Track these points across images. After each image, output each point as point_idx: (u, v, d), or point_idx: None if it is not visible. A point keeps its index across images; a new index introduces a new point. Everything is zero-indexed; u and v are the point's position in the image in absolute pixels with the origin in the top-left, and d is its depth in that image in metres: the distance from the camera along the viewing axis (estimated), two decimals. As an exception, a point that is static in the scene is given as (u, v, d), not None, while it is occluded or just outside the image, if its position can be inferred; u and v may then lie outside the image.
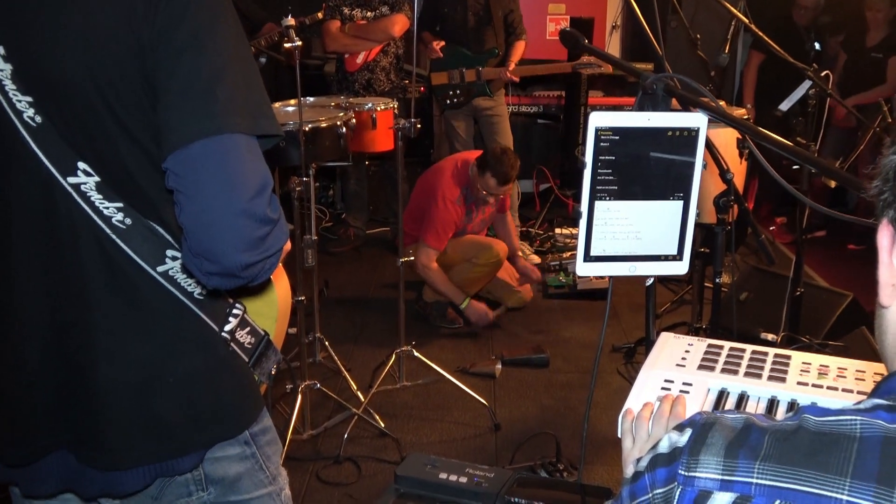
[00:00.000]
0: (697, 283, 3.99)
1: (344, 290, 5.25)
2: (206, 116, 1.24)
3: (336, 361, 3.88)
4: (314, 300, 3.74)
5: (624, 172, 1.61)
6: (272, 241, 1.30)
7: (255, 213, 1.25)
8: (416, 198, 4.76)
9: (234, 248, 1.25)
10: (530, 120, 7.13)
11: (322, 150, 3.46)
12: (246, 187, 1.25)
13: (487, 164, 4.40)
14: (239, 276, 1.29)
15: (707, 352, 1.72)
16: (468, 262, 4.62)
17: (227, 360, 1.46)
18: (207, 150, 1.24)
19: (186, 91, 1.24)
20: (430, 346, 4.43)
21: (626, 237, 1.66)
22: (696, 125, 1.60)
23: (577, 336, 4.59)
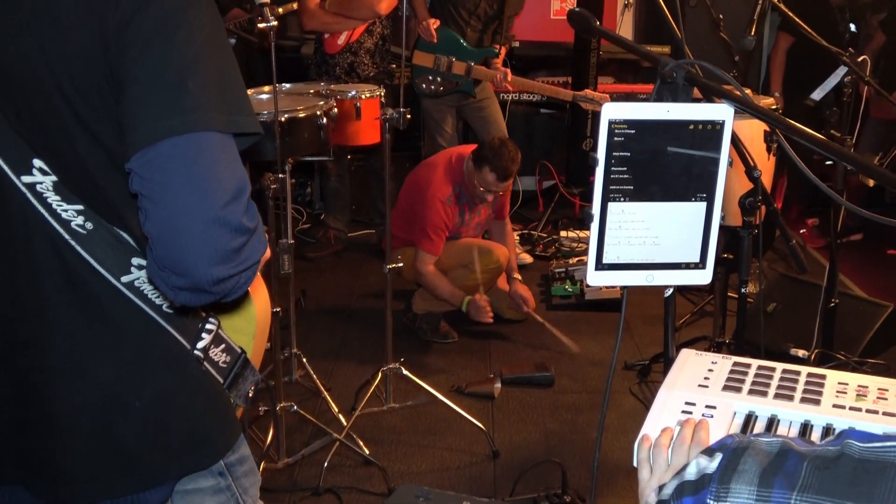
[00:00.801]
0: (720, 292, 4.02)
1: (323, 300, 5.26)
2: (176, 111, 1.25)
3: (315, 381, 3.89)
4: (290, 312, 3.75)
5: (640, 170, 1.62)
6: (248, 253, 1.31)
7: (229, 221, 1.26)
8: (404, 196, 4.78)
9: (205, 261, 1.25)
10: (533, 109, 7.15)
11: (299, 143, 3.47)
12: (220, 192, 1.25)
13: (484, 157, 4.41)
14: (210, 292, 1.30)
15: (732, 371, 1.73)
16: (464, 269, 4.63)
17: (199, 381, 1.47)
18: (177, 149, 1.24)
19: (154, 83, 1.25)
20: (421, 363, 4.44)
21: (643, 243, 1.67)
22: (721, 118, 1.62)
23: (584, 352, 4.61)
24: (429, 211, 4.49)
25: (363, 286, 5.49)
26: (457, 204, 4.60)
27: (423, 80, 5.65)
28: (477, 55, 5.52)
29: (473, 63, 5.51)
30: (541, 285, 5.46)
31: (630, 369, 4.35)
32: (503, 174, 4.42)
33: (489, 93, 5.74)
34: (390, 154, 3.74)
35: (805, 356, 3.87)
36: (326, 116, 3.52)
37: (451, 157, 4.66)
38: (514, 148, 4.45)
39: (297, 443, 3.68)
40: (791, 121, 1.51)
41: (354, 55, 5.40)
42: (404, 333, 4.74)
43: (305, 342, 4.38)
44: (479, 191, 4.50)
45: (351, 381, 4.21)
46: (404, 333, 4.74)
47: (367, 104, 4.06)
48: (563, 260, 5.67)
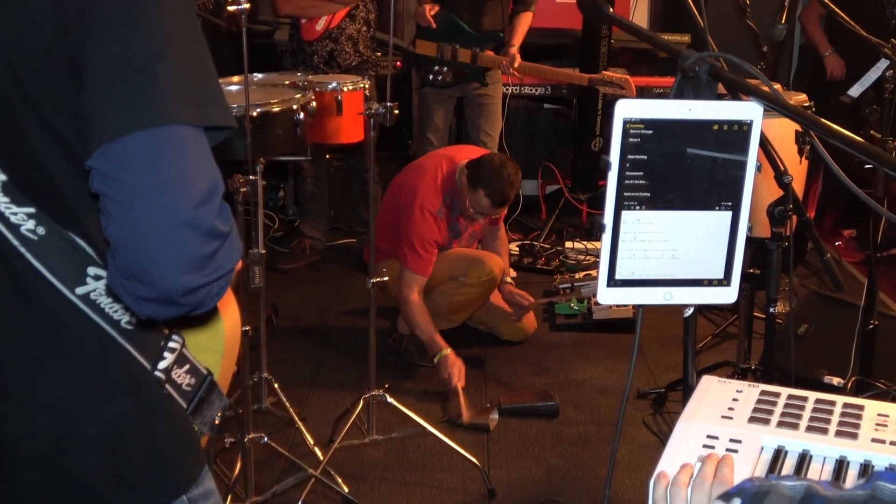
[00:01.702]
0: (745, 312, 4.03)
1: (298, 317, 5.27)
2: (143, 103, 1.26)
3: (287, 409, 3.89)
4: (260, 330, 3.75)
5: (658, 175, 1.64)
6: (222, 260, 1.32)
7: (201, 224, 1.27)
8: (390, 202, 4.78)
9: (174, 269, 1.26)
10: (535, 104, 7.18)
11: (273, 140, 3.48)
12: (191, 192, 1.26)
13: (480, 179, 4.38)
14: (179, 304, 1.30)
15: (760, 400, 1.75)
16: (454, 282, 4.64)
17: (160, 405, 1.48)
18: (143, 144, 1.25)
19: (119, 71, 1.26)
20: (408, 390, 4.44)
21: (661, 256, 1.69)
22: (749, 117, 1.64)
23: (592, 378, 4.62)
24: (417, 223, 4.48)
25: (343, 302, 5.50)
26: (449, 216, 4.59)
27: (429, 70, 5.67)
28: (481, 40, 5.54)
29: (479, 49, 5.53)
30: (543, 303, 5.47)
31: (644, 398, 4.36)
32: (499, 200, 4.43)
33: (496, 89, 5.77)
34: (375, 154, 3.76)
35: (840, 384, 3.89)
36: (303, 111, 3.53)
37: (441, 162, 4.64)
38: (514, 170, 4.42)
39: (268, 479, 3.68)
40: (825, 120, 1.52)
41: (335, 42, 5.42)
42: (389, 356, 4.75)
43: (277, 365, 4.38)
44: (471, 211, 4.51)
45: (328, 409, 4.22)
46: (389, 356, 4.75)
47: (349, 97, 4.07)
48: (568, 274, 5.69)
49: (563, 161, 7.08)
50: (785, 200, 2.85)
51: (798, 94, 4.12)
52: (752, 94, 1.62)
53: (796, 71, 7.30)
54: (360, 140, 4.10)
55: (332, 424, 4.03)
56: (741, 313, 4.12)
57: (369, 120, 3.66)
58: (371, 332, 3.83)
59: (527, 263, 6.02)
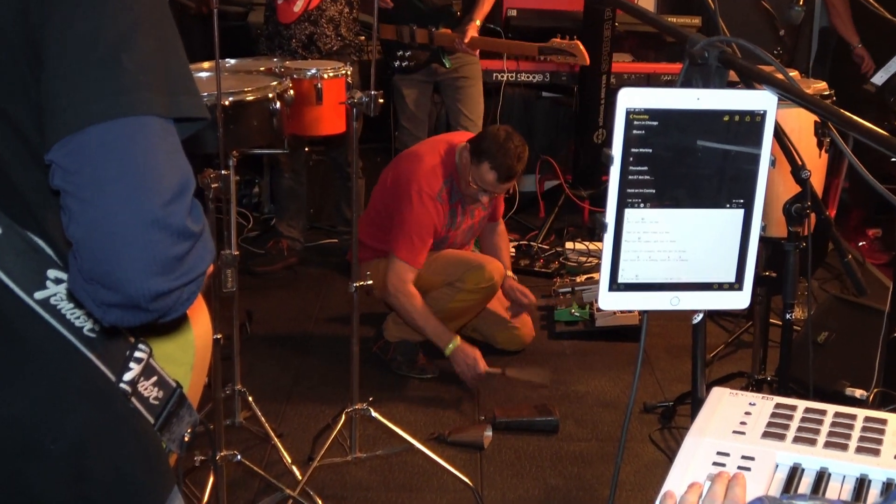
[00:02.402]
0: (761, 318, 4.05)
1: (274, 324, 5.27)
2: (108, 92, 1.26)
3: (263, 424, 3.89)
4: (234, 339, 3.75)
5: (664, 170, 1.65)
6: (193, 262, 1.33)
7: (170, 223, 1.28)
8: (378, 197, 4.78)
9: (141, 271, 1.27)
10: (532, 93, 7.19)
11: (247, 132, 3.48)
12: (159, 189, 1.27)
13: (485, 151, 4.39)
14: (146, 309, 1.31)
15: (775, 414, 1.76)
16: (450, 287, 4.63)
17: (126, 420, 1.49)
18: (109, 137, 1.26)
19: (82, 57, 1.27)
20: (394, 403, 4.45)
21: (667, 258, 1.70)
22: (763, 107, 1.65)
23: (594, 390, 4.63)
24: (413, 208, 4.47)
25: (323, 308, 5.51)
26: (448, 202, 4.59)
27: (394, 55, 5.70)
28: (435, 17, 5.57)
29: (434, 28, 5.54)
30: (541, 308, 5.48)
31: (650, 412, 4.37)
32: (506, 173, 4.41)
33: (472, 70, 5.79)
34: (358, 146, 3.76)
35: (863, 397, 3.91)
36: (280, 100, 3.54)
37: (438, 146, 4.65)
38: (521, 142, 4.43)
39: (242, 500, 3.68)
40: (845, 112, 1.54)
41: (314, 25, 5.42)
42: (374, 366, 4.75)
43: (252, 377, 4.39)
44: (473, 189, 4.48)
45: (307, 425, 4.22)
46: (374, 366, 4.75)
47: (329, 85, 4.08)
48: (568, 277, 5.70)
49: (562, 154, 7.10)
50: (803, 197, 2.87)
51: (817, 82, 4.14)
52: (765, 83, 1.64)
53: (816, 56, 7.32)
54: (341, 132, 4.10)
55: (312, 441, 4.04)
56: (756, 320, 4.14)
57: (352, 110, 3.66)
58: (354, 340, 3.83)
59: (524, 266, 6.04)
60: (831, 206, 5.68)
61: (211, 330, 1.78)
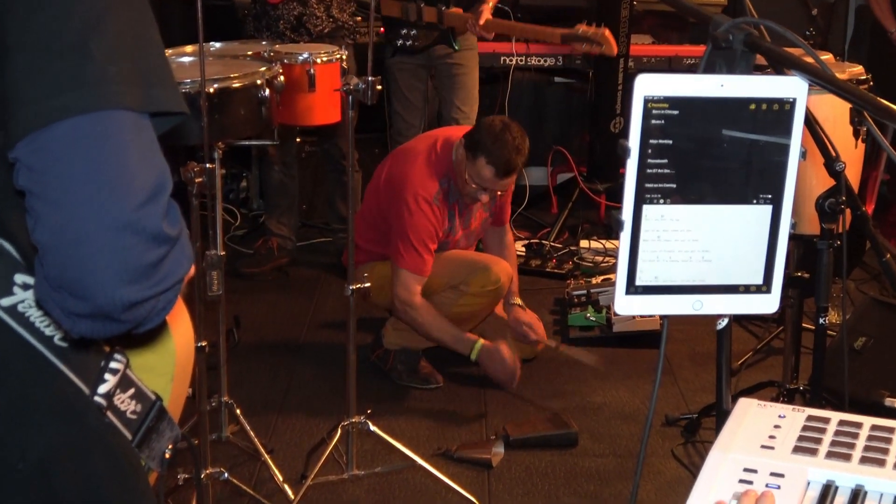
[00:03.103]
0: (792, 323, 4.04)
1: (264, 331, 5.28)
2: (76, 84, 1.26)
3: (252, 439, 3.89)
4: (220, 347, 3.75)
5: (685, 163, 1.65)
6: (169, 269, 1.33)
7: (144, 226, 1.28)
8: (373, 195, 4.77)
9: (112, 279, 1.27)
10: (544, 78, 7.19)
11: (233, 122, 3.49)
12: (132, 189, 1.27)
13: (479, 145, 4.38)
14: (119, 320, 1.31)
15: (806, 427, 1.75)
16: (454, 290, 4.63)
17: (101, 436, 1.49)
18: (77, 133, 1.26)
19: (47, 46, 1.27)
20: (395, 416, 4.45)
21: (689, 258, 1.70)
22: (792, 94, 1.65)
23: (612, 401, 4.63)
24: (411, 215, 4.47)
25: (317, 313, 5.51)
26: (445, 203, 4.57)
27: (396, 34, 5.69)
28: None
29: (445, 6, 5.55)
30: (554, 312, 5.48)
31: (672, 425, 4.37)
32: (504, 168, 4.40)
33: (469, 57, 5.81)
34: (354, 137, 3.76)
35: (904, 408, 3.91)
36: (269, 87, 3.54)
37: (436, 141, 4.64)
38: (519, 133, 4.41)
39: (228, 522, 3.69)
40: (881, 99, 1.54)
41: (303, 5, 5.41)
42: (372, 376, 4.75)
43: (240, 388, 4.39)
44: (471, 188, 4.46)
45: (300, 440, 4.23)
46: (372, 376, 4.75)
47: (323, 71, 4.09)
48: (583, 279, 5.69)
49: (577, 145, 7.09)
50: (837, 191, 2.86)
51: (853, 66, 4.14)
52: (794, 68, 1.64)
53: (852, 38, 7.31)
54: (336, 121, 4.11)
55: (305, 457, 4.03)
56: (787, 325, 4.13)
57: (347, 97, 3.66)
58: (350, 348, 3.83)
59: (535, 266, 6.03)
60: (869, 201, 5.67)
61: (193, 337, 1.78)
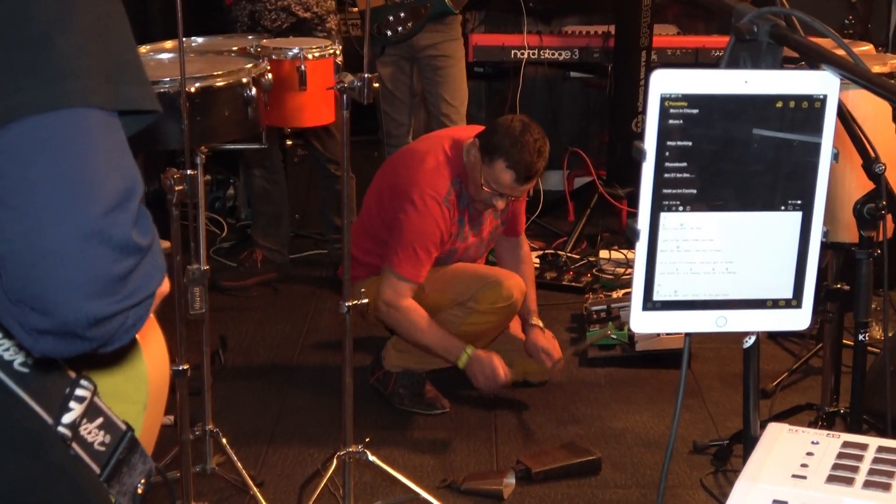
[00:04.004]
0: (832, 340, 4.03)
1: (253, 352, 5.28)
2: (39, 80, 1.27)
3: (240, 471, 3.89)
4: (204, 370, 3.75)
5: (707, 167, 1.65)
6: (139, 282, 1.33)
7: (112, 235, 1.28)
8: (373, 203, 4.75)
9: (77, 293, 1.27)
10: (558, 72, 7.19)
11: (217, 124, 3.50)
12: (99, 195, 1.28)
13: (498, 147, 4.34)
14: (84, 338, 1.31)
15: (842, 454, 1.75)
16: (461, 308, 4.60)
17: (65, 470, 1.49)
18: (39, 133, 1.26)
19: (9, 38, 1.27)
20: (396, 445, 4.44)
21: (712, 270, 1.70)
22: (823, 91, 1.64)
23: (635, 427, 4.62)
24: (416, 214, 4.43)
25: (311, 332, 5.51)
26: (456, 206, 4.53)
27: (384, 22, 5.70)
28: None
29: None
30: (571, 330, 5.47)
31: (701, 452, 4.36)
32: (525, 173, 4.36)
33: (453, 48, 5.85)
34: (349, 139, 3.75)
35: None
36: (256, 85, 3.55)
37: (441, 142, 4.62)
38: (540, 134, 4.38)
39: (214, 563, 3.69)
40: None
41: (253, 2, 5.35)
42: (372, 401, 4.75)
43: (226, 415, 4.39)
44: (486, 192, 4.43)
45: (293, 471, 4.22)
46: (372, 401, 4.75)
47: (315, 67, 4.09)
48: (603, 293, 5.68)
49: (595, 146, 7.10)
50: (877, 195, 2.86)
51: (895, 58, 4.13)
52: (825, 61, 1.63)
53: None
54: (329, 122, 4.11)
55: (298, 491, 4.03)
56: (826, 342, 4.12)
57: (343, 96, 3.64)
58: (346, 370, 3.82)
59: (550, 279, 6.03)
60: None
61: (167, 360, 1.78)
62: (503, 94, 6.99)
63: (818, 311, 3.93)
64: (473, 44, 6.56)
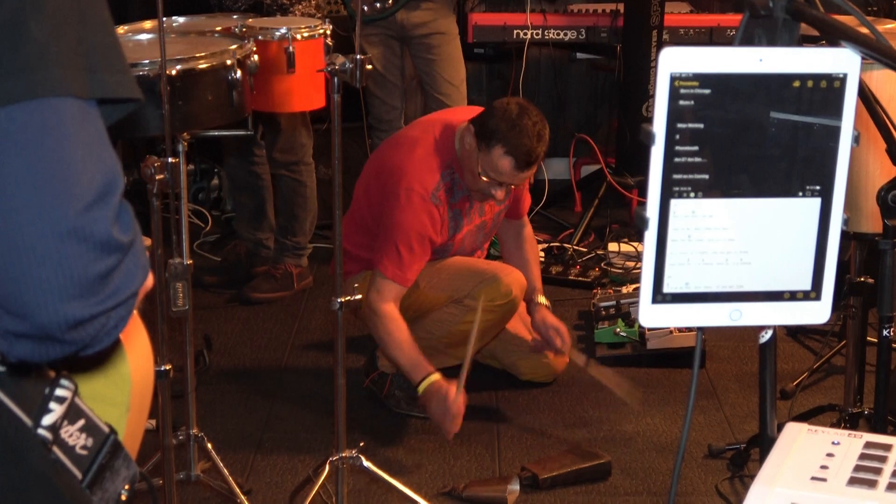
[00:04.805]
0: (855, 337, 4.04)
1: (238, 353, 5.29)
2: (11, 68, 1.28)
3: (226, 478, 3.89)
4: (187, 371, 3.76)
5: (719, 151, 1.66)
6: (120, 281, 1.34)
7: (91, 233, 1.29)
8: (362, 194, 4.74)
9: (54, 294, 1.28)
10: (564, 54, 7.19)
11: (200, 109, 3.50)
12: (77, 190, 1.29)
13: (494, 132, 4.31)
14: (63, 341, 1.33)
15: (864, 455, 1.76)
16: (457, 305, 4.61)
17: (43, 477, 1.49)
18: (11, 125, 1.27)
19: None
20: (392, 450, 4.45)
21: (725, 261, 1.70)
22: (843, 69, 1.65)
23: (646, 430, 4.63)
24: (400, 212, 4.42)
25: (301, 331, 5.52)
26: (448, 201, 4.51)
27: None
28: None
29: None
30: (579, 327, 5.48)
31: (717, 457, 4.36)
32: (525, 159, 4.33)
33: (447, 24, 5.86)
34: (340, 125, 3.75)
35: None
36: (241, 68, 3.55)
37: (432, 128, 4.58)
38: (539, 117, 4.36)
39: (199, 576, 3.70)
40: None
41: None
42: (366, 405, 4.75)
43: (211, 419, 4.39)
44: (483, 182, 4.41)
45: (282, 478, 4.24)
46: (366, 405, 4.75)
47: (304, 48, 4.08)
48: (612, 288, 5.67)
49: (603, 132, 7.10)
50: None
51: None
52: (845, 38, 1.64)
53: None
54: (319, 107, 4.10)
55: (288, 499, 4.04)
56: (849, 338, 4.13)
57: (334, 79, 3.63)
58: (339, 372, 3.82)
59: (556, 274, 6.02)
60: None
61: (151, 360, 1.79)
62: (505, 76, 6.99)
63: (840, 306, 3.95)
64: (473, 23, 6.55)
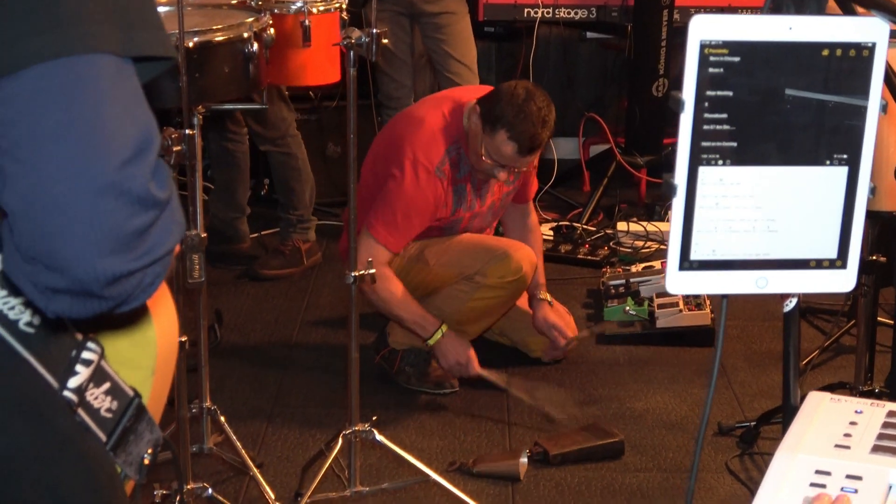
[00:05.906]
0: (866, 316, 4.03)
1: (249, 328, 5.29)
2: (46, 25, 1.27)
3: (239, 451, 3.89)
4: (200, 345, 3.76)
5: (748, 119, 1.65)
6: (157, 238, 1.33)
7: (129, 188, 1.28)
8: (369, 168, 4.73)
9: (92, 249, 1.28)
10: (574, 33, 7.17)
11: (216, 82, 3.50)
12: (114, 146, 1.28)
13: (500, 117, 4.31)
14: (101, 296, 1.32)
15: (887, 423, 1.75)
16: (468, 282, 4.61)
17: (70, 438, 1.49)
18: (48, 82, 1.27)
19: None
20: (404, 425, 4.46)
21: (752, 228, 1.70)
22: (871, 38, 1.65)
23: (655, 408, 4.63)
24: (404, 179, 4.41)
25: (311, 307, 5.52)
26: (452, 176, 4.51)
27: None
28: None
29: None
30: (587, 306, 5.48)
31: (727, 435, 4.36)
32: (528, 144, 4.34)
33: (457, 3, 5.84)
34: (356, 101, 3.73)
35: None
36: (257, 41, 3.54)
37: (441, 104, 4.57)
38: (545, 102, 4.35)
39: (212, 547, 3.70)
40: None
41: None
42: (376, 381, 4.75)
43: (224, 393, 4.39)
44: (487, 163, 4.41)
45: (294, 452, 4.24)
46: (376, 381, 4.75)
47: (319, 22, 4.08)
48: (621, 267, 5.67)
49: (612, 112, 7.08)
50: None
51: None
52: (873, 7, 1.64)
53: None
54: (334, 81, 4.10)
55: (300, 472, 4.03)
56: (859, 318, 4.12)
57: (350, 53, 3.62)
58: (352, 347, 3.82)
59: (565, 253, 6.03)
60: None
61: (177, 326, 1.78)
62: (515, 56, 6.97)
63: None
64: (483, 1, 6.54)
